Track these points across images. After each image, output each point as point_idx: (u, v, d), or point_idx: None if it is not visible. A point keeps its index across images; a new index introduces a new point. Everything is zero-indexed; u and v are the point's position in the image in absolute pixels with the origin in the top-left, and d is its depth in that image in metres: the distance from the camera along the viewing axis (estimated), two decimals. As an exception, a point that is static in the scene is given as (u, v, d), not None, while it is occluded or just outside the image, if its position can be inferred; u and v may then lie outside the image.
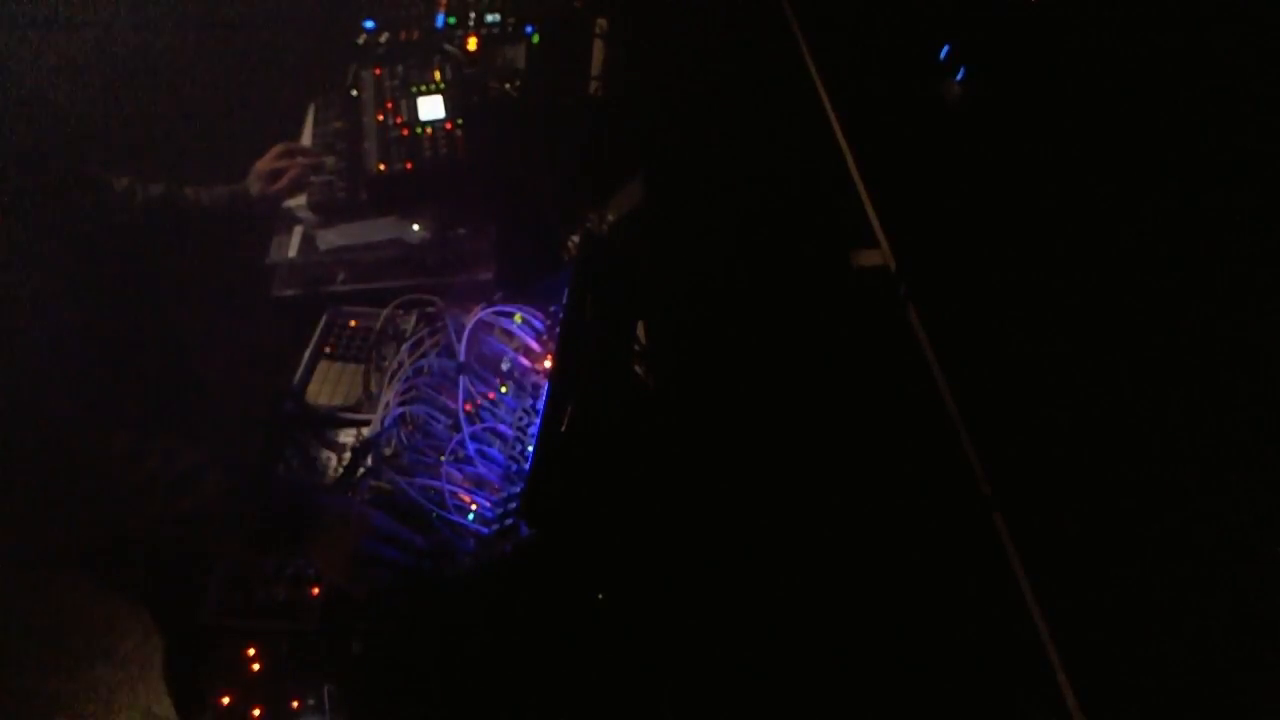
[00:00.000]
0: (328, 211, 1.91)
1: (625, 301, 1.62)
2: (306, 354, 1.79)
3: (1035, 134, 2.01)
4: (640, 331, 1.66)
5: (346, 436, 1.66)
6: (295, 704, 1.34)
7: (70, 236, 1.37)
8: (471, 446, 1.42)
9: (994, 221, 2.04)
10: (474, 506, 1.40)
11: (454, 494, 1.39)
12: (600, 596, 1.39)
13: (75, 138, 1.51)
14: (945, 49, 2.05)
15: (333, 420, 1.69)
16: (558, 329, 1.53)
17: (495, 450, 1.45)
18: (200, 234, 1.84)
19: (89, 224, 1.46)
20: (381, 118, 1.94)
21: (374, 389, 1.70)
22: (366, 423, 1.63)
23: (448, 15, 2.23)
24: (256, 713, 1.33)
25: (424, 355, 1.59)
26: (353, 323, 1.86)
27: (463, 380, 1.50)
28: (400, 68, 2.03)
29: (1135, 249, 1.87)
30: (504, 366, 1.59)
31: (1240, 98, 1.77)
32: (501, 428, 1.48)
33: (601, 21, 2.33)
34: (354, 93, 2.02)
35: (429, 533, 1.38)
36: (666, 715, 1.40)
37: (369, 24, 2.19)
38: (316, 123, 2.06)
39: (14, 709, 1.50)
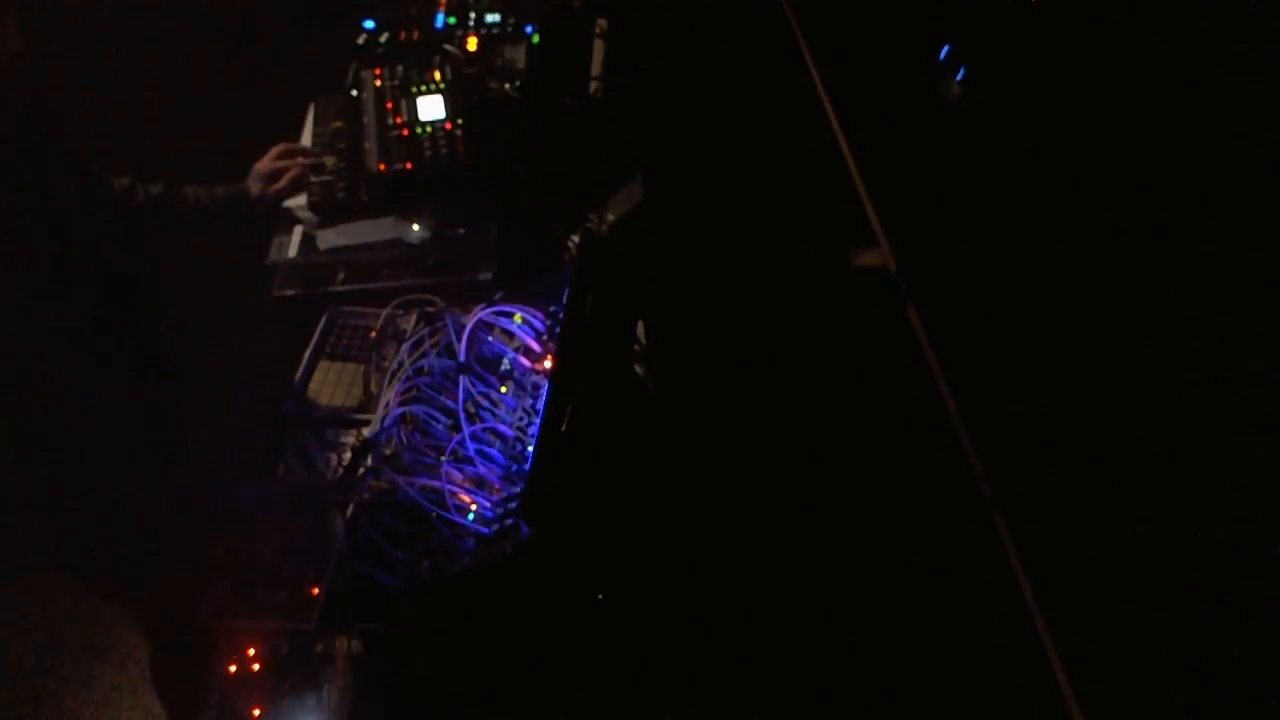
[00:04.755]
0: (328, 211, 1.91)
1: (625, 301, 1.62)
2: (306, 354, 1.79)
3: (1036, 134, 2.01)
4: (640, 331, 1.66)
5: (346, 436, 1.66)
6: (295, 704, 1.34)
7: (70, 236, 1.37)
8: (471, 446, 1.42)
9: (994, 221, 2.04)
10: (474, 506, 1.40)
11: (454, 494, 1.39)
12: (600, 596, 1.39)
13: (75, 138, 1.51)
14: (945, 49, 2.04)
15: (333, 420, 1.69)
16: (558, 329, 1.53)
17: (495, 450, 1.45)
18: (200, 234, 1.85)
19: (89, 223, 1.46)
20: (382, 118, 1.94)
21: (374, 389, 1.70)
22: (366, 423, 1.63)
23: (448, 15, 2.23)
24: (256, 713, 1.33)
25: (424, 355, 1.59)
26: (353, 323, 1.86)
27: (463, 380, 1.50)
28: (400, 68, 2.03)
29: (1137, 249, 1.87)
30: (504, 366, 1.59)
31: (1244, 97, 1.77)
32: (501, 428, 1.48)
33: (601, 21, 2.33)
34: (354, 93, 2.03)
35: (429, 532, 1.38)
36: (666, 715, 1.40)
37: (369, 24, 2.19)
38: (316, 123, 2.06)
39: (13, 709, 1.50)
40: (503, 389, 1.55)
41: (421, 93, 1.97)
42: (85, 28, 1.79)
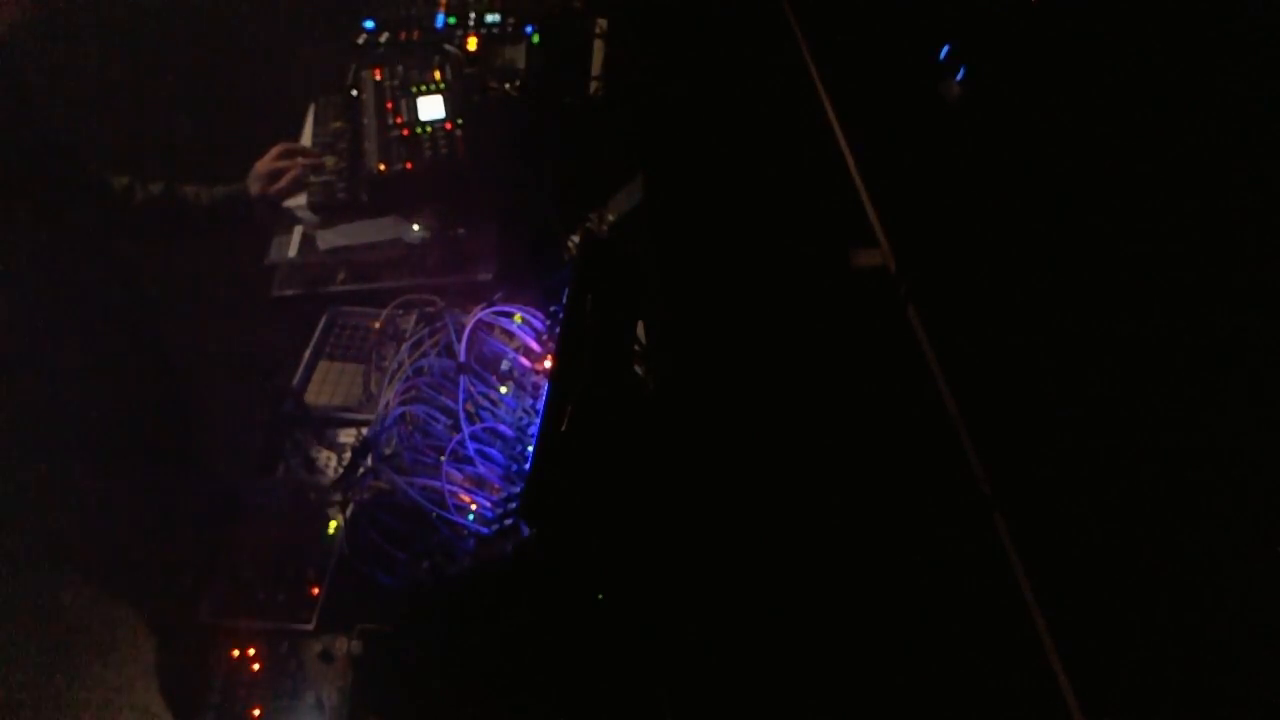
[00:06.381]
0: (328, 211, 1.91)
1: (625, 301, 1.62)
2: (306, 354, 1.79)
3: (1036, 134, 2.01)
4: (640, 331, 1.66)
5: (346, 436, 1.66)
6: (295, 704, 1.34)
7: (69, 235, 1.37)
8: (471, 446, 1.42)
9: (994, 221, 2.04)
10: (474, 506, 1.40)
11: (454, 494, 1.39)
12: (600, 596, 1.39)
13: (75, 138, 1.51)
14: (945, 49, 2.04)
15: (333, 420, 1.69)
16: (558, 329, 1.53)
17: (495, 450, 1.45)
18: (199, 234, 1.85)
19: (88, 223, 1.46)
20: (382, 118, 1.94)
21: (374, 389, 1.70)
22: (366, 423, 1.63)
23: (448, 15, 2.23)
24: (256, 713, 1.33)
25: (424, 355, 1.59)
26: (353, 323, 1.86)
27: (463, 380, 1.50)
28: (400, 68, 2.03)
29: (1137, 249, 1.87)
30: (504, 366, 1.59)
31: (1245, 98, 1.77)
32: (501, 428, 1.48)
33: (601, 21, 2.33)
34: (354, 93, 2.03)
35: (429, 532, 1.38)
36: (666, 715, 1.40)
37: (369, 24, 2.19)
38: (316, 123, 2.06)
39: (13, 709, 1.50)
40: (503, 389, 1.55)
41: (421, 93, 1.97)
42: (85, 28, 1.79)
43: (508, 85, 2.09)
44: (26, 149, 1.33)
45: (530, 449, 1.42)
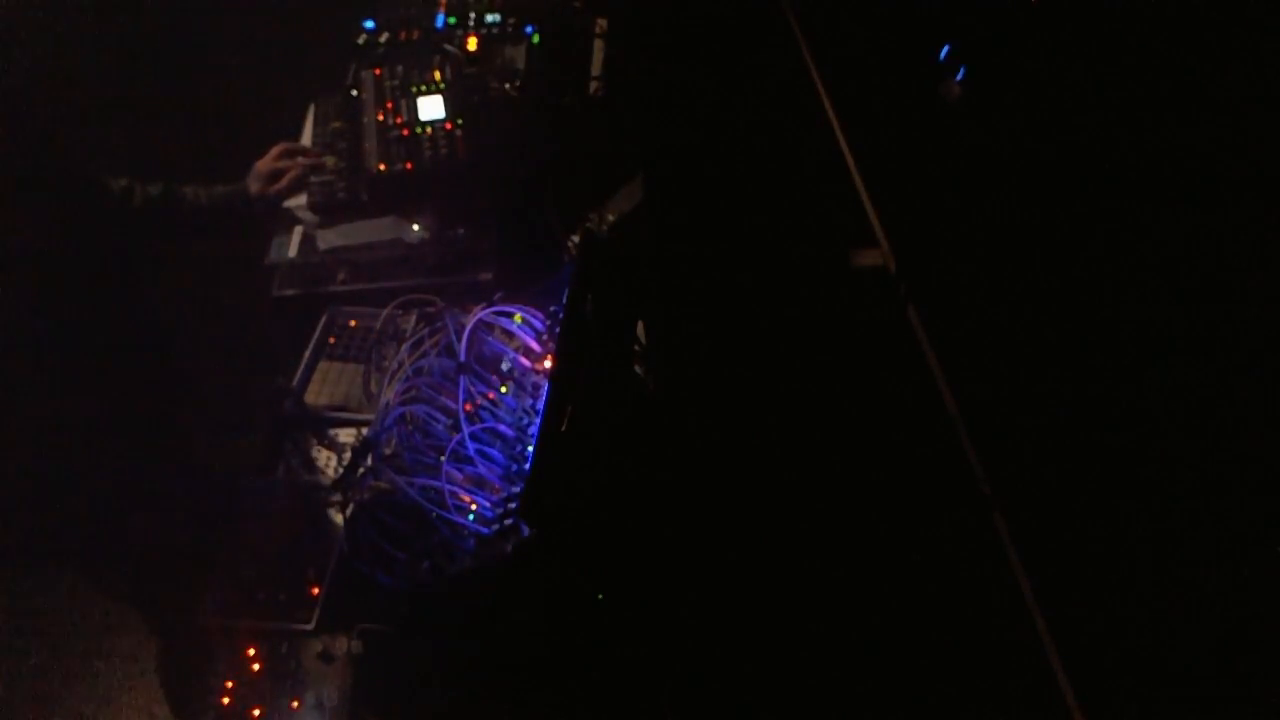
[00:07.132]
0: (328, 211, 1.91)
1: (625, 301, 1.62)
2: (306, 354, 1.79)
3: (1036, 134, 2.01)
4: (640, 331, 1.66)
5: (346, 436, 1.66)
6: (295, 704, 1.34)
7: (69, 235, 1.37)
8: (471, 446, 1.42)
9: (994, 221, 2.04)
10: (474, 506, 1.40)
11: (454, 494, 1.39)
12: (600, 596, 1.39)
13: (74, 138, 1.51)
14: (945, 49, 2.05)
15: (333, 420, 1.69)
16: (558, 329, 1.53)
17: (495, 450, 1.45)
18: (199, 234, 1.85)
19: (87, 223, 1.46)
20: (381, 118, 1.94)
21: (374, 389, 1.70)
22: (366, 423, 1.63)
23: (448, 15, 2.23)
24: (256, 713, 1.33)
25: (424, 355, 1.59)
26: (353, 323, 1.86)
27: (463, 380, 1.50)
28: (400, 68, 2.03)
29: (1137, 249, 1.87)
30: (504, 366, 1.59)
31: (1243, 97, 1.77)
32: (501, 428, 1.48)
33: (601, 21, 2.33)
34: (354, 93, 2.02)
35: (429, 532, 1.38)
36: (667, 715, 1.40)
37: (369, 24, 2.19)
38: (316, 123, 2.06)
39: (12, 708, 1.51)
40: (503, 389, 1.54)
41: (421, 93, 1.97)
42: (84, 28, 1.79)
43: (508, 85, 2.09)
44: (25, 150, 1.33)
45: (530, 449, 1.42)
